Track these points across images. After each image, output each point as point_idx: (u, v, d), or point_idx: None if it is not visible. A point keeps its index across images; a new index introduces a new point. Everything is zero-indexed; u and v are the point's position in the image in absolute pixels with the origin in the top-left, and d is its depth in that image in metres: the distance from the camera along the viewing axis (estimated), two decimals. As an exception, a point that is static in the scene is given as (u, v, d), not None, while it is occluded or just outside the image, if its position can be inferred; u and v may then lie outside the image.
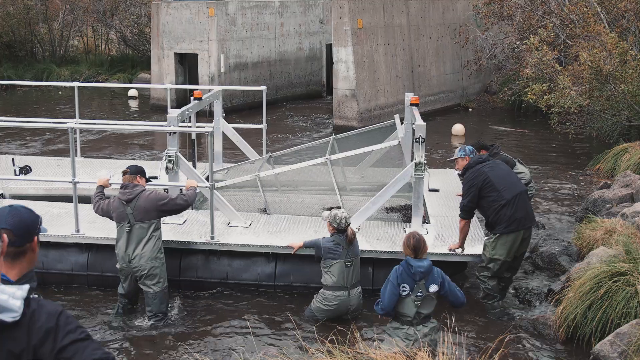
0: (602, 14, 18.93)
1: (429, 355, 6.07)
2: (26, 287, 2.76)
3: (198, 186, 8.94)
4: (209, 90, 12.31)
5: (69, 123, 9.07)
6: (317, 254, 8.41)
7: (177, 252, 9.28)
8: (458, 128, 20.15)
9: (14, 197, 11.11)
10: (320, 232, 9.40)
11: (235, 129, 12.96)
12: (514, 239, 8.41)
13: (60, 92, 28.74)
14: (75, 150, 13.08)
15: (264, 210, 10.48)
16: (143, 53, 33.51)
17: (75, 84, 13.23)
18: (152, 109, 24.68)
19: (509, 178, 8.61)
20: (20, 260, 3.15)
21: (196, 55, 23.73)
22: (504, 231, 8.39)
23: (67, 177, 11.66)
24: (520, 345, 7.81)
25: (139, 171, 8.60)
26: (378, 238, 9.50)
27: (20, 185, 11.41)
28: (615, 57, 15.75)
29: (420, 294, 6.70)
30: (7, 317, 2.64)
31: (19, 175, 11.81)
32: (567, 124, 17.81)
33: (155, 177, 9.95)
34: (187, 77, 24.82)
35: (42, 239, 8.94)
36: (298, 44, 26.67)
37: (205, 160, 11.96)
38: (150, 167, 12.47)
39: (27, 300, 2.74)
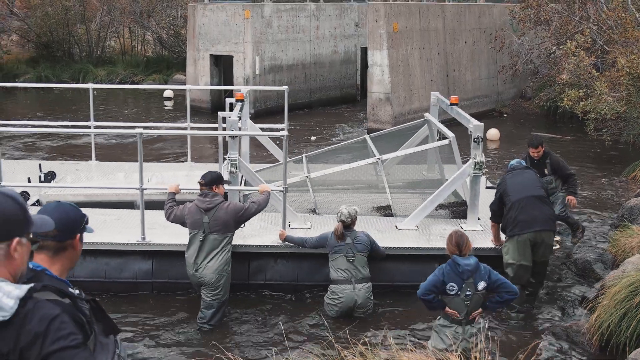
0: (640, 20, 18.73)
1: (461, 360, 6.05)
2: (25, 287, 2.70)
3: (272, 190, 8.95)
4: (239, 90, 12.31)
5: (137, 129, 8.97)
6: (315, 244, 8.85)
7: (244, 256, 9.22)
8: (493, 133, 20.01)
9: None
10: (382, 230, 9.76)
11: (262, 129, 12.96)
12: (523, 242, 8.53)
13: (95, 92, 29.04)
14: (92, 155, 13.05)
15: (314, 211, 10.52)
16: (179, 54, 33.74)
17: (90, 85, 13.01)
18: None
19: (523, 184, 8.83)
20: (60, 256, 3.16)
21: (231, 57, 23.86)
22: (509, 234, 8.69)
23: (90, 181, 11.58)
24: (553, 353, 7.75)
25: (214, 180, 8.39)
26: (441, 235, 9.63)
27: (57, 192, 10.99)
28: (653, 64, 15.57)
29: (469, 293, 6.66)
30: None
31: (43, 181, 11.49)
32: (604, 130, 17.63)
33: (228, 182, 9.93)
34: (222, 79, 24.97)
35: (106, 247, 9.06)
36: (333, 47, 26.70)
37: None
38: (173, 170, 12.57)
39: (24, 300, 2.67)
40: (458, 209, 10.74)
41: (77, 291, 3.00)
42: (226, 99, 11.99)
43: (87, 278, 8.94)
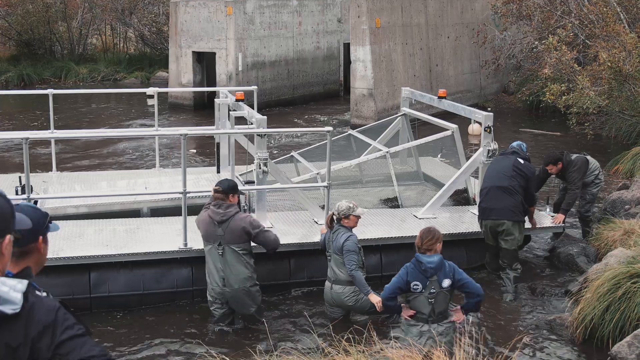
0: (621, 14, 18.84)
1: (445, 355, 6.05)
2: (25, 281, 2.73)
3: (315, 187, 9.00)
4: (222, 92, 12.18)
5: (182, 130, 8.77)
6: (321, 246, 8.68)
7: (285, 255, 9.12)
8: (475, 127, 20.01)
9: (51, 218, 9.97)
10: (406, 221, 10.03)
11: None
12: (484, 228, 9.24)
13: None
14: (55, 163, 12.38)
15: (323, 207, 10.50)
16: (161, 51, 33.61)
17: (50, 91, 12.15)
18: (170, 107, 24.72)
19: (495, 172, 9.29)
20: (25, 261, 3.08)
21: (214, 53, 23.78)
22: (478, 219, 9.43)
23: (70, 193, 11.02)
24: (537, 346, 7.78)
25: (231, 188, 8.01)
26: (463, 221, 10.10)
27: (57, 204, 10.25)
28: (634, 58, 15.65)
29: (434, 291, 6.66)
30: (8, 309, 2.61)
31: (20, 194, 9.99)
32: (586, 124, 17.70)
33: (252, 182, 9.77)
34: (204, 76, 24.88)
35: (145, 257, 8.79)
36: (316, 43, 26.67)
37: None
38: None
39: (25, 294, 2.70)
40: (459, 197, 11.13)
41: (44, 294, 2.97)
42: (215, 100, 11.89)
43: (124, 292, 8.70)
